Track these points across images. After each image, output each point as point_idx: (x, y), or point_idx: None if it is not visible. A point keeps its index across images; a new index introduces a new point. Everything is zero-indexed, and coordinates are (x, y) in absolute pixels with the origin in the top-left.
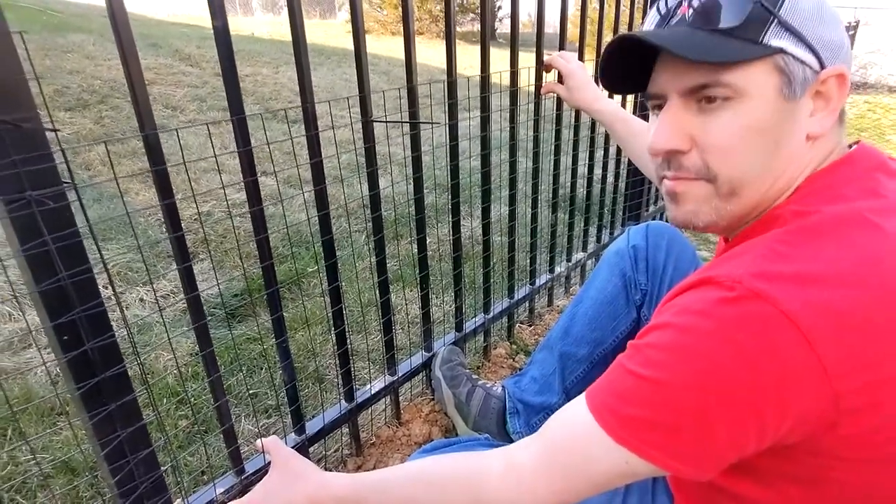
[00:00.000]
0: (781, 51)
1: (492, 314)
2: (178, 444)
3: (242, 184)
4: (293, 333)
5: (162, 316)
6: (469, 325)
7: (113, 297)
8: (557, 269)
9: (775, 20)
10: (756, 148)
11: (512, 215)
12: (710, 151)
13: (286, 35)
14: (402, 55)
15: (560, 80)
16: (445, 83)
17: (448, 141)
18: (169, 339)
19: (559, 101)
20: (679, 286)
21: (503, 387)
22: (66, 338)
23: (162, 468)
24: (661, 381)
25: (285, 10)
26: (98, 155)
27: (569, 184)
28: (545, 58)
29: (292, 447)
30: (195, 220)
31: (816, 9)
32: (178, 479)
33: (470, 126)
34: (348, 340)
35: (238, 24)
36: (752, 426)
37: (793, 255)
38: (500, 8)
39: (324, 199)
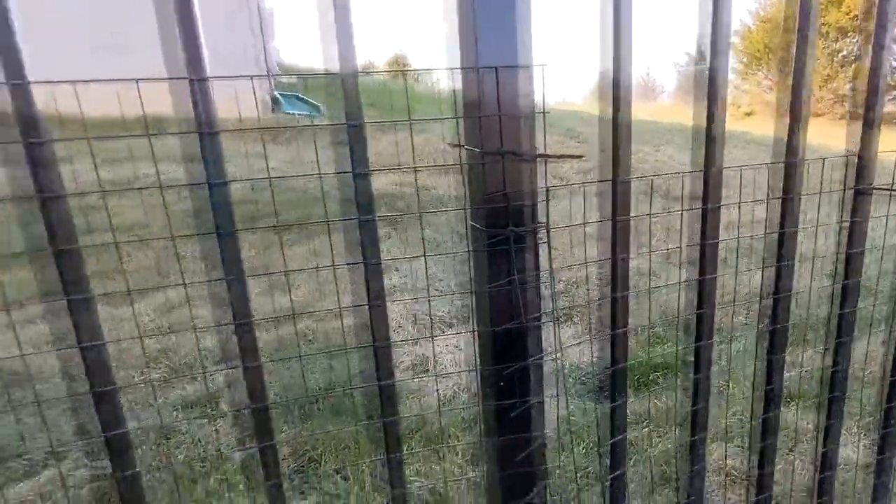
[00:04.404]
0: None
1: None
2: None
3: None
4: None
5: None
6: None
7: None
8: None
9: None
10: None
11: None
12: None
13: (662, 117)
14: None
15: None
16: None
17: None
18: (566, 402)
19: None
20: None
21: None
22: (501, 384)
23: None
24: None
25: (663, 97)
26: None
27: None
28: None
29: None
30: (573, 283)
31: None
32: None
33: None
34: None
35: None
36: None
37: None
38: None
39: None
